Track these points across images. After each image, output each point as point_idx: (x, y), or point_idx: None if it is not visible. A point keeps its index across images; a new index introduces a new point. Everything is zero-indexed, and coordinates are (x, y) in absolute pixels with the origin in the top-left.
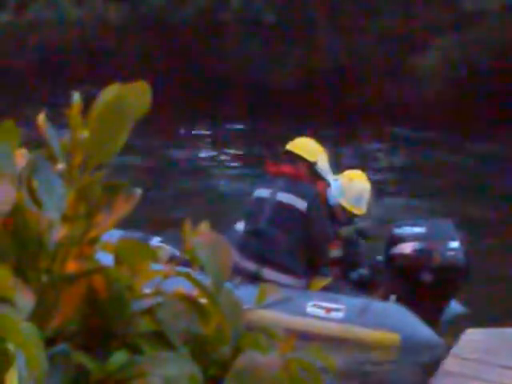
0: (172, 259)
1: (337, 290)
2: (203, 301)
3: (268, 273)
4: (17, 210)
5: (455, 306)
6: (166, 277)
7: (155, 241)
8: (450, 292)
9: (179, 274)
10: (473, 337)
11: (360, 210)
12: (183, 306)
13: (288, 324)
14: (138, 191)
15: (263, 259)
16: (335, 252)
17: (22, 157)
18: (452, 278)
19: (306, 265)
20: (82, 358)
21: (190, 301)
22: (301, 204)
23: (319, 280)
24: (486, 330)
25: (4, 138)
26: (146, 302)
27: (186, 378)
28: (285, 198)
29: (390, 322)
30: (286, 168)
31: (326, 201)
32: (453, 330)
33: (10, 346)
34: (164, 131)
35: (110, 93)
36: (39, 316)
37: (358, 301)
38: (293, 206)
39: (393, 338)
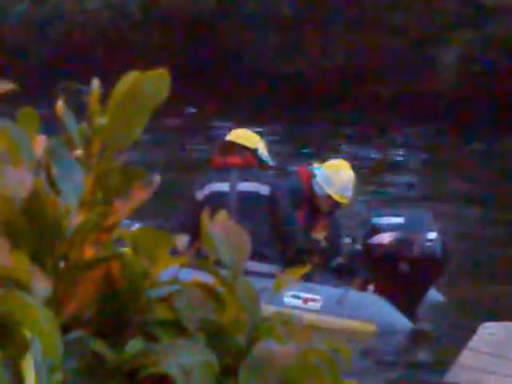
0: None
1: (315, 279)
2: (220, 289)
3: None
4: (35, 196)
5: (434, 296)
6: (184, 265)
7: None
8: (427, 282)
9: (196, 262)
10: (489, 330)
11: (347, 199)
12: (200, 295)
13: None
14: (157, 178)
15: None
16: (319, 236)
17: (40, 143)
18: (429, 269)
19: (279, 250)
20: (97, 345)
21: (207, 289)
22: (264, 189)
23: (297, 269)
24: (502, 323)
25: (23, 124)
26: (163, 290)
27: (202, 366)
28: (246, 186)
29: (367, 312)
30: (234, 159)
31: (310, 190)
32: (469, 324)
33: (26, 332)
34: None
35: (128, 80)
36: (55, 302)
37: (335, 291)
38: (257, 193)
39: (369, 327)
